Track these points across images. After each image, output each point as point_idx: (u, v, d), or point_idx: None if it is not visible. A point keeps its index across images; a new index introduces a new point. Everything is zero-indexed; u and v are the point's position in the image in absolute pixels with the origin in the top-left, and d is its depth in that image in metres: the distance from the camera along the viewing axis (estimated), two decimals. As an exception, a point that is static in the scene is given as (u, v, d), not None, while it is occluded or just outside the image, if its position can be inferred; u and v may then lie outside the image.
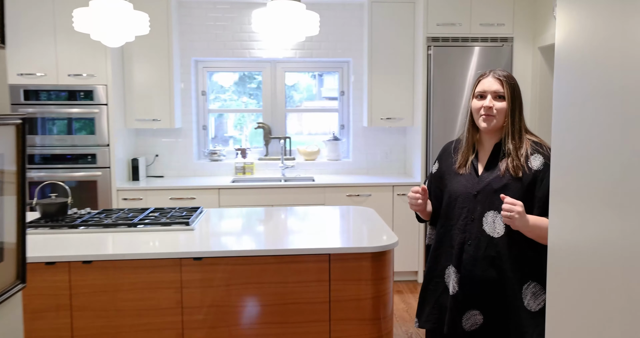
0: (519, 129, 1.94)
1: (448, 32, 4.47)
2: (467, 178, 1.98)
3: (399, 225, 4.67)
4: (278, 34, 2.88)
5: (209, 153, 5.17)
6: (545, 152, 1.89)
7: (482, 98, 1.95)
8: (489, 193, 1.91)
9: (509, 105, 1.92)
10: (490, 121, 1.92)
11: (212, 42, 5.03)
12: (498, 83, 1.92)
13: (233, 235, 2.72)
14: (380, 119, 4.84)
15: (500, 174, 1.91)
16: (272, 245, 2.50)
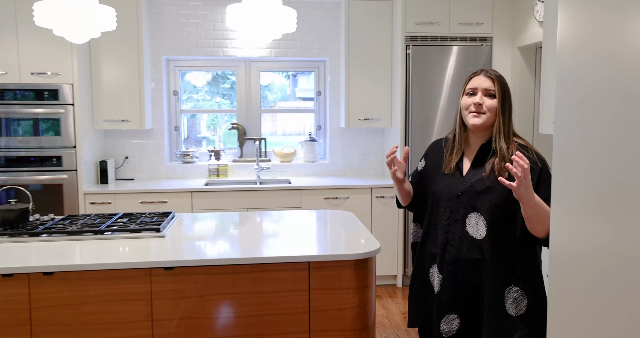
0: (509, 129, 1.92)
1: (427, 32, 4.39)
2: (452, 178, 1.96)
3: (378, 228, 4.57)
4: (253, 31, 2.75)
5: (182, 154, 5.00)
6: (532, 155, 1.87)
7: (472, 95, 1.93)
8: (472, 194, 1.88)
9: (500, 103, 1.90)
10: (479, 118, 1.89)
11: (184, 40, 4.86)
12: (489, 81, 1.91)
13: (206, 242, 2.58)
14: (358, 119, 4.73)
15: (485, 176, 1.88)
16: (248, 253, 2.37)
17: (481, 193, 1.86)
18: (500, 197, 1.83)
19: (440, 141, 2.12)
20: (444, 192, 1.95)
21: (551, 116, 3.28)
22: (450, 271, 1.90)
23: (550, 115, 3.29)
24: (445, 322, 1.91)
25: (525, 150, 1.89)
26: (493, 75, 1.92)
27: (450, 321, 1.90)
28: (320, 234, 2.74)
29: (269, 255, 2.33)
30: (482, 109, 1.89)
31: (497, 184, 1.84)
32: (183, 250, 2.42)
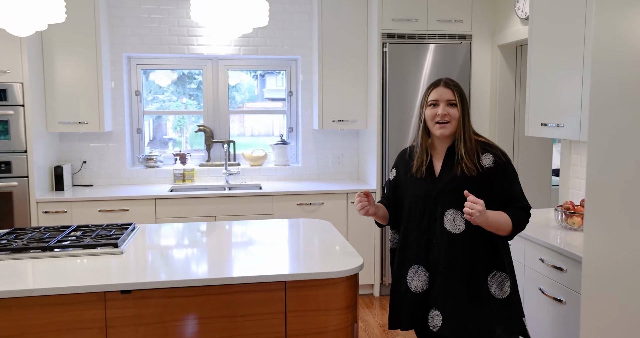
0: (469, 133, 2.08)
1: (404, 29, 4.19)
2: (425, 181, 2.10)
3: (354, 235, 4.34)
4: (222, 24, 2.49)
5: (144, 158, 4.69)
6: (494, 151, 2.07)
7: (435, 106, 2.08)
8: (447, 192, 2.05)
9: (460, 111, 2.07)
10: (445, 128, 2.06)
11: (146, 37, 4.55)
12: (449, 91, 2.07)
13: (170, 258, 2.30)
14: (332, 121, 4.50)
15: (457, 175, 2.04)
16: (217, 272, 2.10)
17: (456, 191, 2.03)
18: (473, 192, 2.01)
19: (406, 150, 2.26)
20: (420, 194, 2.10)
21: (539, 117, 3.10)
22: (436, 268, 2.04)
23: (537, 116, 3.11)
24: (432, 316, 2.04)
25: (488, 147, 2.08)
26: (452, 85, 2.08)
27: (434, 316, 2.03)
28: (296, 248, 2.49)
29: (240, 273, 2.07)
30: (447, 118, 2.05)
31: (468, 181, 2.02)
32: (143, 269, 2.14)
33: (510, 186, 2.05)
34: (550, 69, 2.98)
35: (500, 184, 2.03)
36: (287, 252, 2.40)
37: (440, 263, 2.04)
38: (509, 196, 2.04)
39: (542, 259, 2.61)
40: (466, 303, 2.01)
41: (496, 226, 1.97)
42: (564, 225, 2.79)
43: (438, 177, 2.08)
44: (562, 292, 2.45)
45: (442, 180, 2.07)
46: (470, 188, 2.01)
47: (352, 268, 2.15)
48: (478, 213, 1.89)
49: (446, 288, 2.02)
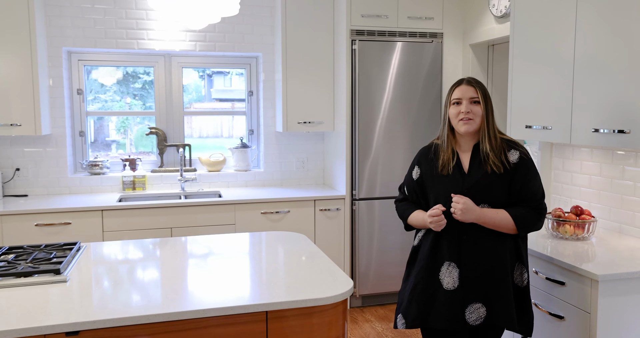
0: (494, 130, 2.11)
1: (373, 25, 3.94)
2: (454, 178, 2.11)
3: (323, 245, 4.06)
4: (185, 13, 2.16)
5: (89, 164, 4.25)
6: (520, 149, 2.11)
7: (458, 104, 2.11)
8: (478, 189, 2.06)
9: (484, 109, 2.09)
10: (469, 125, 2.08)
11: (90, 30, 4.12)
12: (472, 89, 2.10)
13: (124, 287, 1.95)
14: (298, 123, 4.20)
15: (487, 171, 2.07)
16: (184, 303, 1.77)
17: (486, 187, 2.06)
18: (504, 188, 2.06)
19: (428, 148, 2.24)
20: (451, 191, 2.09)
21: (523, 119, 2.91)
22: (469, 263, 2.05)
23: (521, 118, 2.92)
24: (471, 311, 2.03)
25: (514, 145, 2.12)
26: (474, 83, 2.11)
27: (476, 310, 2.03)
28: (273, 269, 2.18)
29: (212, 304, 1.75)
30: (471, 116, 2.07)
31: (498, 177, 2.06)
32: (92, 302, 1.79)
33: (528, 184, 2.06)
34: (536, 68, 2.79)
35: (520, 178, 2.05)
36: (263, 275, 2.09)
37: (473, 258, 2.05)
38: (525, 192, 2.06)
39: (536, 271, 2.40)
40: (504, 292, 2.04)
41: (492, 223, 2.02)
42: (554, 233, 2.60)
43: (468, 173, 2.10)
44: (562, 308, 2.25)
45: (472, 176, 2.08)
46: (500, 184, 2.05)
47: (341, 293, 1.87)
48: (459, 211, 1.99)
49: (484, 281, 2.04)
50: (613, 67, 2.30)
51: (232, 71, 4.70)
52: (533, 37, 2.82)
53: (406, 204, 2.27)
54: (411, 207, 2.23)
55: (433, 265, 2.10)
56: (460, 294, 2.04)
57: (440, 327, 2.04)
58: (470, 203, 2.00)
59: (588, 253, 2.34)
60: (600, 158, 2.81)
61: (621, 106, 2.25)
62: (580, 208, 2.56)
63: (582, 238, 2.54)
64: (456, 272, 2.05)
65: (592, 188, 2.87)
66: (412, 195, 2.25)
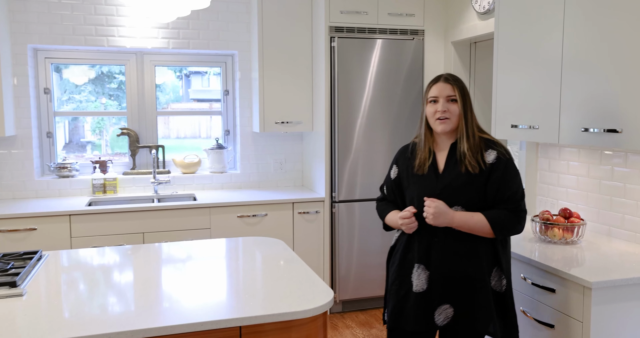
0: (472, 129, 2.03)
1: (353, 22, 3.82)
2: (429, 178, 2.05)
3: (302, 249, 3.93)
4: (152, 5, 2.01)
5: (57, 167, 4.06)
6: (499, 148, 2.02)
7: (435, 103, 2.04)
8: (451, 190, 2.00)
9: (461, 107, 2.02)
10: (445, 124, 2.02)
11: (57, 26, 3.93)
12: (449, 87, 2.02)
13: (87, 301, 1.80)
14: (275, 123, 4.07)
15: (461, 172, 2.00)
16: (150, 318, 1.63)
17: (460, 188, 1.99)
18: (479, 189, 1.98)
19: (407, 146, 2.20)
20: (424, 191, 2.04)
21: (508, 118, 2.81)
22: (439, 267, 1.99)
23: (506, 117, 2.83)
24: (439, 313, 1.99)
25: (492, 144, 2.04)
26: (452, 80, 2.03)
27: (444, 310, 1.99)
28: (248, 278, 2.04)
29: (180, 319, 1.61)
30: (447, 115, 2.01)
31: (473, 178, 1.98)
32: (52, 319, 1.63)
33: (505, 184, 1.98)
34: (521, 65, 2.70)
35: (496, 179, 1.97)
36: (238, 285, 1.95)
37: (442, 261, 1.99)
38: (502, 193, 1.98)
39: (524, 277, 2.30)
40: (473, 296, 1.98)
41: (466, 227, 1.95)
42: (542, 237, 2.51)
43: (442, 174, 2.04)
44: (551, 316, 2.15)
45: (446, 177, 2.02)
46: (474, 185, 1.98)
47: (321, 305, 1.74)
48: (431, 216, 1.93)
49: (453, 283, 1.99)
50: (603, 65, 2.21)
51: (209, 70, 4.54)
52: (518, 34, 2.72)
53: (385, 204, 2.23)
54: (389, 207, 2.20)
55: (405, 266, 2.08)
56: (429, 296, 2.01)
57: (409, 328, 2.04)
58: (442, 207, 1.93)
59: (578, 258, 2.25)
60: (588, 158, 2.73)
61: (612, 105, 2.17)
62: (569, 211, 2.47)
63: (571, 242, 2.45)
64: (425, 275, 2.02)
65: (579, 190, 2.79)
66: (390, 195, 2.21)
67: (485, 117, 4.05)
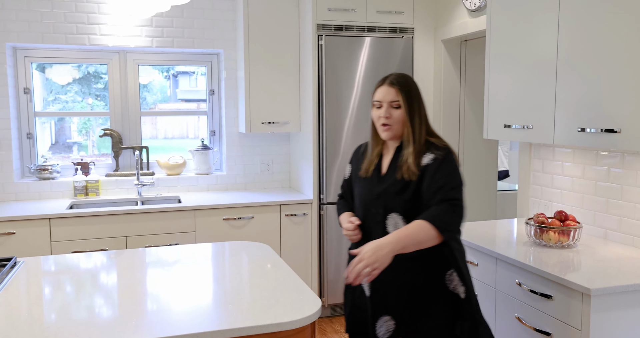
0: (419, 135, 1.90)
1: (341, 20, 3.74)
2: (371, 182, 1.98)
3: (289, 252, 3.84)
4: (132, 1, 1.91)
5: (37, 169, 3.93)
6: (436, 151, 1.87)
7: (379, 108, 1.94)
8: (389, 195, 1.91)
9: (406, 113, 1.90)
10: (389, 131, 1.92)
11: (36, 24, 3.81)
12: (393, 91, 1.90)
13: (62, 315, 1.69)
14: (262, 123, 3.97)
15: (398, 178, 1.90)
16: (123, 332, 1.53)
17: (397, 194, 1.88)
18: (414, 197, 1.86)
19: (361, 146, 2.14)
20: (365, 195, 1.98)
21: (501, 118, 2.74)
22: (381, 275, 1.86)
23: (499, 117, 2.76)
24: (380, 324, 1.90)
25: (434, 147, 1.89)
26: (396, 84, 1.90)
27: (385, 322, 1.90)
28: (234, 286, 1.95)
29: (163, 331, 1.51)
30: (390, 121, 1.90)
31: (409, 184, 1.87)
32: (19, 333, 1.53)
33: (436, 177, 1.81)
34: (514, 64, 2.63)
35: (427, 178, 1.83)
36: (223, 295, 1.86)
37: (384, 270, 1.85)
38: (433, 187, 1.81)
39: (519, 283, 2.23)
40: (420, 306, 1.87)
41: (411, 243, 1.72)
42: (537, 241, 2.44)
43: (382, 178, 1.95)
44: (548, 323, 2.08)
45: (385, 182, 1.93)
46: (410, 192, 1.87)
47: (309, 316, 1.65)
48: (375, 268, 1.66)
49: (394, 293, 1.88)
50: (600, 63, 2.14)
51: (197, 70, 4.44)
52: (511, 31, 2.65)
53: (343, 202, 2.16)
54: (344, 207, 2.13)
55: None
56: (371, 305, 1.93)
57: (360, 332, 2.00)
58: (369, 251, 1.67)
59: (574, 262, 2.17)
60: (583, 159, 2.66)
61: (610, 104, 2.10)
62: (564, 213, 2.39)
63: (567, 246, 2.38)
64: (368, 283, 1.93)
65: (574, 191, 2.72)
66: (345, 192, 2.15)
67: (476, 117, 3.99)
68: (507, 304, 2.31)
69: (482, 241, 2.51)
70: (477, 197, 4.04)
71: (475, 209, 4.04)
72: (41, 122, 4.17)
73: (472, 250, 2.55)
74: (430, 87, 3.96)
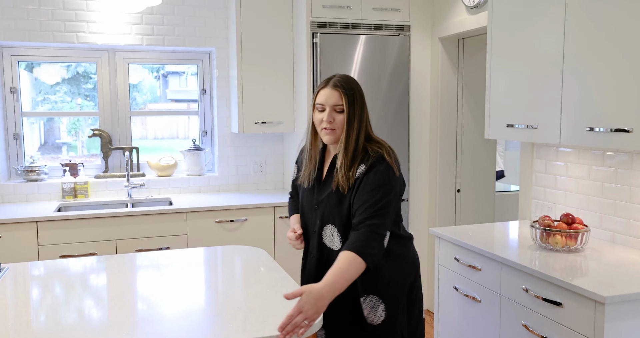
0: (353, 142, 1.82)
1: (336, 17, 3.64)
2: (310, 191, 1.95)
3: (283, 255, 3.74)
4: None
5: (24, 170, 3.81)
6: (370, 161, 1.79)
7: (322, 111, 1.85)
8: (325, 206, 1.87)
9: (347, 118, 1.82)
10: (331, 135, 1.85)
11: (22, 21, 3.69)
12: (336, 95, 1.83)
13: (44, 326, 1.59)
14: (255, 123, 3.87)
15: (332, 190, 1.84)
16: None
17: (333, 206, 1.84)
18: (346, 210, 1.81)
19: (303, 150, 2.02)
20: (305, 203, 1.96)
21: (503, 117, 2.66)
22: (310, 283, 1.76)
23: (501, 116, 2.68)
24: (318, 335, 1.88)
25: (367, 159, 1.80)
26: (341, 86, 1.83)
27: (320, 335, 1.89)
28: (228, 295, 1.85)
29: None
30: (333, 126, 1.83)
31: (344, 197, 1.81)
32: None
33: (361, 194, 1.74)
34: (517, 62, 2.55)
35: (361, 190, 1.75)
36: (217, 304, 1.76)
37: (314, 280, 1.86)
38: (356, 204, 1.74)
39: (526, 289, 2.15)
40: (347, 324, 1.84)
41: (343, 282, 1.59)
42: (543, 245, 2.36)
43: (320, 188, 1.91)
44: (558, 332, 2.00)
45: (322, 192, 1.89)
46: (346, 204, 1.80)
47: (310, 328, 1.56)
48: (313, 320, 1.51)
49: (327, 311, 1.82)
50: (609, 59, 2.06)
51: (187, 70, 4.33)
52: (514, 28, 2.57)
53: (292, 202, 2.17)
54: (294, 208, 2.14)
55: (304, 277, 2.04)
56: None
57: None
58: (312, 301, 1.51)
59: (583, 268, 2.09)
60: (589, 160, 2.58)
61: (620, 102, 2.01)
62: (571, 216, 2.31)
63: (574, 250, 2.30)
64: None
65: (580, 193, 2.64)
66: (293, 192, 2.15)
67: (474, 117, 3.91)
68: (513, 311, 2.23)
69: (485, 245, 2.42)
70: (474, 198, 3.96)
71: (473, 211, 3.96)
72: (30, 123, 4.05)
73: (475, 253, 2.46)
74: (427, 86, 3.88)
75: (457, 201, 3.93)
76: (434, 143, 3.89)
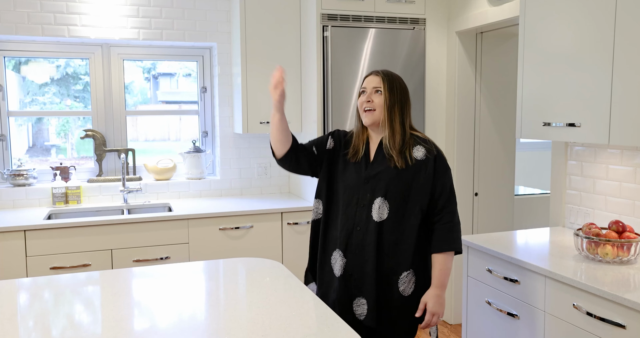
0: (397, 123, 1.98)
1: (348, 9, 3.40)
2: (358, 167, 2.03)
3: (292, 264, 3.50)
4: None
5: (11, 174, 3.54)
6: (428, 145, 1.99)
7: (364, 94, 2.03)
8: (378, 181, 1.98)
9: (387, 100, 1.97)
10: (369, 115, 2.00)
11: (8, 13, 3.42)
12: (377, 79, 2.00)
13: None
14: (260, 123, 3.62)
15: (390, 166, 1.97)
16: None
17: (384, 181, 1.97)
18: (404, 183, 1.96)
19: (346, 132, 2.15)
20: (352, 180, 2.03)
21: (540, 115, 2.43)
22: (357, 256, 1.98)
23: (538, 114, 2.44)
24: (357, 305, 1.98)
25: (421, 141, 2.00)
26: (382, 73, 2.01)
27: (361, 305, 1.98)
28: (249, 318, 1.60)
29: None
30: (371, 106, 1.99)
31: (400, 172, 1.96)
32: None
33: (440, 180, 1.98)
34: (556, 53, 2.31)
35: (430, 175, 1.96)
36: (241, 326, 1.51)
37: (360, 252, 1.98)
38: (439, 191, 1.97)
39: (575, 305, 1.91)
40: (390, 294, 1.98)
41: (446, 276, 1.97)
42: (591, 256, 2.12)
43: (371, 164, 2.02)
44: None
45: (374, 168, 2.01)
46: (401, 179, 1.97)
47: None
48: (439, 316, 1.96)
49: (366, 277, 1.97)
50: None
51: (179, 72, 4.07)
52: (552, 17, 2.34)
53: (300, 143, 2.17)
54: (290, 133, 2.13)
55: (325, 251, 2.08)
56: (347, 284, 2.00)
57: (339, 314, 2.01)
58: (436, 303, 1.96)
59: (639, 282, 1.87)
60: (634, 161, 2.35)
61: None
62: (621, 224, 2.08)
63: (625, 262, 2.07)
64: (342, 261, 2.01)
65: (622, 197, 2.41)
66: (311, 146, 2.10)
67: (492, 116, 3.68)
68: (562, 332, 2.00)
69: (523, 255, 2.19)
70: (493, 203, 3.73)
71: (491, 216, 3.74)
72: (17, 125, 3.78)
73: (513, 265, 2.23)
74: (442, 83, 3.65)
75: (474, 205, 3.70)
76: (450, 144, 3.65)
